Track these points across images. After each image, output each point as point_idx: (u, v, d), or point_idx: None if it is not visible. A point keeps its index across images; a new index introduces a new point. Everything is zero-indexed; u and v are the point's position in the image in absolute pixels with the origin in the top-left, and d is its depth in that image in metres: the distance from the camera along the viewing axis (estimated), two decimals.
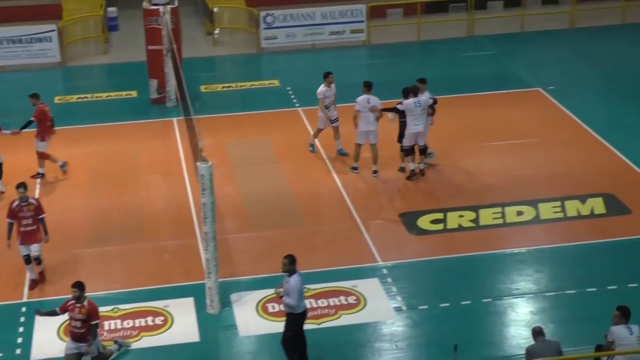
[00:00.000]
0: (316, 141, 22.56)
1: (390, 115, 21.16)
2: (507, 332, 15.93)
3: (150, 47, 25.65)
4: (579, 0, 31.43)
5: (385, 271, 17.63)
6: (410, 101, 20.59)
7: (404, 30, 30.99)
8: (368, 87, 21.09)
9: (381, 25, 31.04)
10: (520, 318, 16.25)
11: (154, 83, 25.83)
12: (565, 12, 31.58)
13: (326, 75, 21.91)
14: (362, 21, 30.19)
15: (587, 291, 16.85)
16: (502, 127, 23.75)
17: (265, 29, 29.89)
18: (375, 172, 21.13)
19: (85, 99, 26.46)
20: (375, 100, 20.95)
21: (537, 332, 13.71)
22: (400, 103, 20.82)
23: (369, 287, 17.08)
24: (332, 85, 21.89)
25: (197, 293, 16.80)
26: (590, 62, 28.20)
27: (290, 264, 14.52)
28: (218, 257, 16.33)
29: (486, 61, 28.74)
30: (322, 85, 21.89)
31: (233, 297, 16.92)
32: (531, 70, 27.63)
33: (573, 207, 19.67)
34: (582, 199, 19.93)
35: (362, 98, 20.95)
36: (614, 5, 32.03)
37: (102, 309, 15.66)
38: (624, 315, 13.55)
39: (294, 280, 14.45)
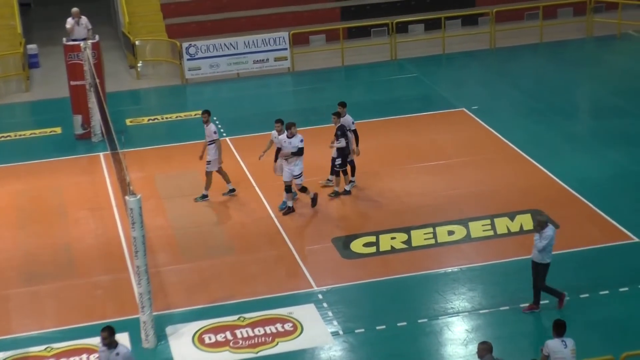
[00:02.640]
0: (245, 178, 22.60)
1: (337, 144, 21.06)
2: (444, 352, 16.05)
3: (73, 83, 25.43)
4: (497, 20, 32.07)
5: (320, 296, 17.66)
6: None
7: (328, 56, 31.25)
8: (289, 127, 20.59)
9: (305, 52, 31.25)
10: (456, 337, 16.39)
11: (78, 119, 25.59)
12: (485, 32, 32.19)
13: (289, 126, 20.75)
14: (285, 49, 30.36)
15: (520, 307, 17.07)
16: (429, 148, 24.04)
17: (189, 60, 29.85)
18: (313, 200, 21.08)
19: (8, 138, 26.09)
20: (296, 142, 20.52)
21: (485, 349, 13.56)
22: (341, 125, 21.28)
23: (305, 313, 17.08)
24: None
25: (131, 328, 16.60)
26: (511, 81, 28.76)
27: (110, 337, 13.69)
28: (151, 290, 16.18)
29: (410, 83, 29.11)
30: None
31: (168, 330, 16.77)
32: (455, 90, 28.06)
33: (502, 224, 19.96)
34: (511, 215, 20.25)
35: (283, 137, 20.63)
36: (531, 24, 32.75)
37: (35, 349, 15.39)
38: (556, 329, 13.74)
39: (123, 353, 13.70)
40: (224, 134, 25.33)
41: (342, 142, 20.89)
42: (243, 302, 17.54)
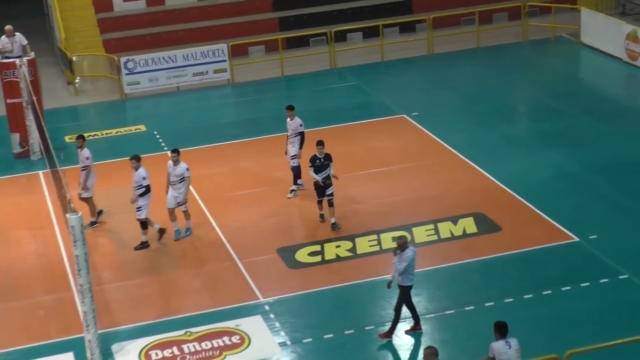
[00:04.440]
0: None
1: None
2: (391, 358, 16.10)
3: (9, 101, 25.11)
4: (435, 27, 32.33)
5: (267, 307, 17.61)
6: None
7: (267, 66, 31.24)
8: (176, 152, 20.05)
9: (244, 63, 31.21)
10: (404, 342, 16.46)
11: (16, 137, 25.25)
12: (423, 39, 32.44)
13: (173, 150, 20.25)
14: (224, 60, 30.28)
15: (465, 310, 17.21)
16: (371, 155, 24.15)
17: (127, 74, 29.63)
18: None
19: None
20: (182, 168, 19.99)
21: (431, 354, 13.66)
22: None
23: (252, 324, 17.02)
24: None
25: (76, 347, 16.39)
26: (450, 86, 29.02)
27: None
28: (95, 308, 16.00)
29: (350, 92, 29.22)
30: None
31: (114, 347, 16.59)
32: (394, 97, 28.23)
33: (446, 229, 20.11)
34: (454, 220, 20.41)
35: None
36: (468, 30, 33.10)
37: None
38: (498, 331, 13.86)
39: None
40: (165, 148, 25.17)
41: (332, 168, 20.31)
42: (189, 316, 17.43)
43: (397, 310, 16.34)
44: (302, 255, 19.40)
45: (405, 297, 16.30)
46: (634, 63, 29.36)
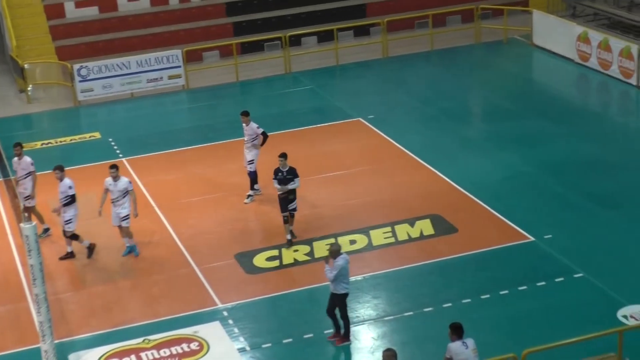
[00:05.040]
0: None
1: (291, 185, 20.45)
2: None
3: None
4: (389, 30, 32.47)
5: (225, 313, 17.56)
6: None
7: (222, 72, 31.16)
8: (115, 168, 19.61)
9: (199, 69, 31.09)
10: (363, 345, 16.50)
11: None
12: (377, 42, 32.55)
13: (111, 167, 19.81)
14: (179, 66, 30.15)
15: (424, 311, 17.29)
16: (327, 159, 24.17)
17: (81, 81, 29.39)
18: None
19: None
20: (124, 183, 19.56)
21: (390, 356, 13.74)
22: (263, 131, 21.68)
23: (210, 331, 16.95)
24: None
25: (33, 358, 16.20)
26: (405, 89, 29.14)
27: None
28: (52, 318, 15.82)
29: (305, 96, 29.23)
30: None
31: (71, 357, 16.43)
32: (350, 101, 28.29)
33: (403, 231, 20.19)
34: (411, 222, 20.50)
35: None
36: (422, 33, 33.26)
37: None
38: (455, 332, 13.95)
39: None
40: (121, 155, 24.99)
41: (296, 183, 19.78)
42: (147, 324, 17.32)
43: (344, 318, 16.30)
44: (259, 260, 19.37)
45: (340, 304, 16.21)
46: (585, 64, 29.72)
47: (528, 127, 25.62)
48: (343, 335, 16.43)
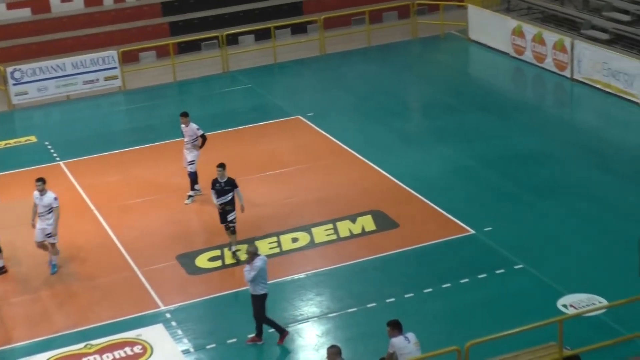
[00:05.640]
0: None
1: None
2: (296, 359, 16.14)
3: None
4: (326, 27, 32.52)
5: (168, 315, 17.45)
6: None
7: (159, 72, 30.93)
8: (41, 181, 18.99)
9: (135, 70, 30.83)
10: (307, 343, 16.53)
11: None
12: (315, 39, 32.59)
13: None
14: (115, 67, 29.86)
15: (367, 307, 17.38)
16: (268, 157, 24.14)
17: (15, 84, 28.95)
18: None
19: None
20: (49, 198, 18.97)
21: (334, 353, 13.77)
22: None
23: (153, 333, 16.83)
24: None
25: None
26: (344, 85, 29.23)
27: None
28: None
29: (244, 95, 29.15)
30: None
31: None
32: (289, 99, 28.29)
33: (345, 228, 20.25)
34: (353, 218, 20.58)
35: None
36: (358, 29, 33.39)
37: None
38: (395, 328, 14.06)
39: None
40: (58, 159, 24.69)
41: (237, 192, 19.24)
42: (88, 328, 17.15)
43: (265, 319, 16.21)
44: (202, 261, 19.28)
45: (259, 306, 16.14)
46: (520, 57, 30.09)
47: (466, 121, 25.87)
48: (256, 335, 16.33)
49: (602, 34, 28.87)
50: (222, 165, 19.11)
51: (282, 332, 16.40)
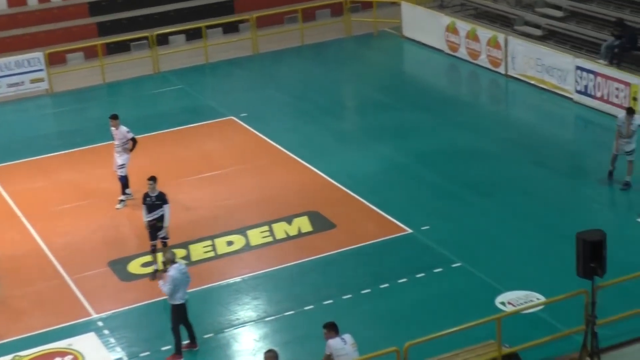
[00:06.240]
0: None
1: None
2: None
3: None
4: (258, 26, 32.44)
5: (101, 323, 17.23)
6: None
7: (88, 74, 30.55)
8: None
9: (62, 72, 30.42)
10: (245, 347, 16.46)
11: None
12: (247, 39, 32.49)
13: None
14: (41, 69, 29.41)
15: (305, 310, 17.36)
16: (201, 159, 24.00)
17: None
18: None
19: None
20: None
21: (271, 357, 13.78)
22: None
23: (85, 343, 16.61)
24: None
25: None
26: (277, 85, 29.18)
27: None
28: None
29: (176, 96, 28.94)
30: None
31: None
32: (222, 99, 28.16)
33: (281, 229, 20.21)
34: (289, 219, 20.54)
35: None
36: (292, 28, 33.38)
37: None
38: (332, 329, 14.08)
39: None
40: None
41: (165, 210, 18.43)
42: (17, 339, 16.84)
43: (174, 330, 15.96)
44: (134, 267, 19.09)
45: (177, 317, 15.92)
46: (454, 54, 30.35)
47: (402, 119, 26.00)
48: (175, 352, 16.03)
49: (535, 30, 29.27)
50: (153, 179, 18.39)
51: (178, 354, 15.99)
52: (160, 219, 18.40)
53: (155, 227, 18.44)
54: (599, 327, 14.95)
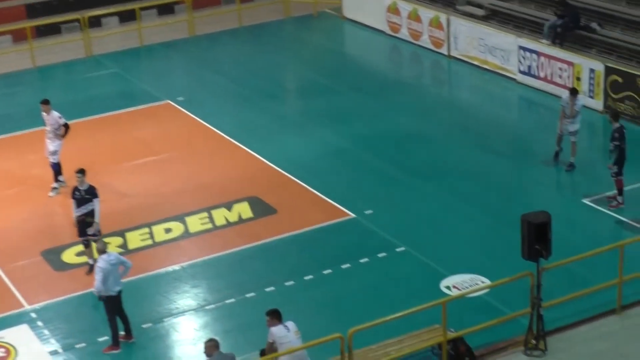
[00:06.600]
0: None
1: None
2: (172, 354, 15.98)
3: None
4: (194, 7, 32.19)
5: (34, 315, 17.01)
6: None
7: (17, 57, 30.08)
8: None
9: None
10: (184, 337, 16.36)
11: None
12: (183, 20, 32.23)
13: None
14: None
15: (246, 297, 17.30)
16: (137, 145, 23.77)
17: None
18: None
19: None
20: None
21: (211, 347, 13.75)
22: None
23: (18, 335, 16.38)
24: None
25: None
26: (215, 68, 29.01)
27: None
28: None
29: (109, 80, 28.63)
30: None
31: None
32: (157, 83, 27.92)
33: (220, 216, 20.10)
34: (228, 206, 20.44)
35: None
36: (229, 9, 33.18)
37: None
38: (275, 317, 14.05)
39: None
40: None
41: (95, 204, 17.96)
42: None
43: (110, 322, 15.84)
44: (69, 256, 18.86)
45: (111, 308, 15.81)
46: (396, 35, 30.42)
47: (343, 102, 26.02)
48: (112, 344, 15.94)
49: (478, 9, 29.43)
50: (81, 171, 17.97)
51: (114, 345, 15.88)
52: (90, 214, 17.96)
53: (84, 223, 18.03)
54: (544, 310, 15.14)
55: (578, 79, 24.28)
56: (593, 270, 16.87)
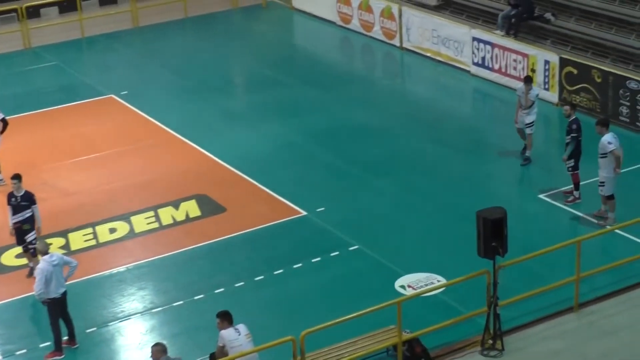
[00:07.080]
0: None
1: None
2: (117, 358, 15.85)
3: None
4: None
5: None
6: None
7: None
8: None
9: None
10: (130, 341, 16.23)
11: None
12: (126, 11, 32.01)
13: None
14: None
15: (195, 299, 17.21)
16: (79, 141, 23.57)
17: None
18: None
19: None
20: None
21: (159, 351, 13.68)
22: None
23: None
24: None
25: None
26: (160, 60, 28.84)
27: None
28: None
29: (49, 73, 28.36)
30: None
31: None
32: (100, 76, 27.72)
33: (167, 215, 19.99)
34: (175, 204, 20.33)
35: None
36: None
37: None
38: (225, 319, 14.02)
39: None
40: None
41: (35, 211, 17.74)
42: None
43: (53, 327, 15.66)
44: (8, 258, 18.67)
45: (54, 312, 15.63)
46: (347, 26, 30.44)
47: (293, 95, 26.00)
48: (54, 349, 15.75)
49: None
50: (17, 177, 17.68)
51: (57, 350, 15.70)
52: (26, 221, 17.67)
53: (21, 230, 17.74)
54: (501, 309, 15.23)
55: (533, 70, 24.47)
56: (550, 268, 17.02)
